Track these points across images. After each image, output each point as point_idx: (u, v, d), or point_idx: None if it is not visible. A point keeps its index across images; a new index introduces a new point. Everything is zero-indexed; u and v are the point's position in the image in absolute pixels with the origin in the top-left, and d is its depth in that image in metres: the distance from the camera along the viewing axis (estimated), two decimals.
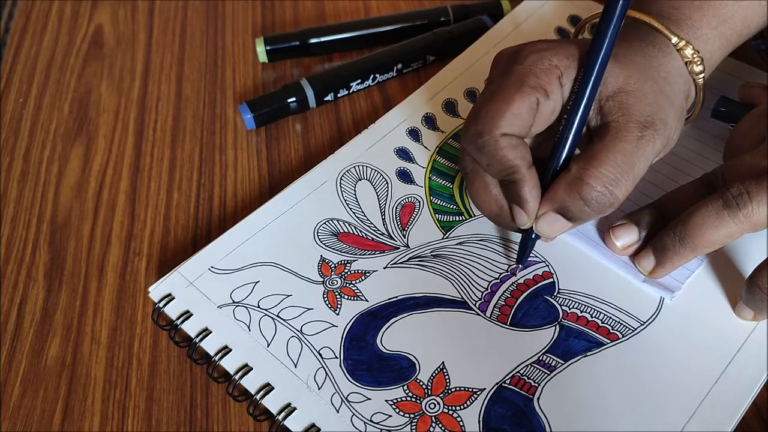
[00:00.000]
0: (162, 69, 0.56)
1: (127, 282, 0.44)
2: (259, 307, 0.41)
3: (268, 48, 0.55)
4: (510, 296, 0.41)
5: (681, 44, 0.40)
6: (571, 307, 0.41)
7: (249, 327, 0.40)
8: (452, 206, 0.45)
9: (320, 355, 0.39)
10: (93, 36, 0.60)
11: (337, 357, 0.39)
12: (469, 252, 0.43)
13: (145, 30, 0.60)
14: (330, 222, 0.45)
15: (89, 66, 0.57)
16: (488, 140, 0.38)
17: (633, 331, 0.40)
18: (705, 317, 0.40)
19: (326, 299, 0.41)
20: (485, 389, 0.38)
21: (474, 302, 0.41)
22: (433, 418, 0.37)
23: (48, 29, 0.60)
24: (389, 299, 0.41)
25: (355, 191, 0.46)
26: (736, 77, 0.50)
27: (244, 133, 0.52)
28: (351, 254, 0.43)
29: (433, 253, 0.43)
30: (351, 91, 0.54)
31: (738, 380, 0.38)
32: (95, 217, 0.47)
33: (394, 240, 0.44)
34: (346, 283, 0.42)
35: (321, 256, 0.43)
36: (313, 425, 0.37)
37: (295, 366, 0.39)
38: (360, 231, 0.44)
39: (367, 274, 0.42)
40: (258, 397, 0.38)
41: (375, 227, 0.44)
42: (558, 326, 0.40)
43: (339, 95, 0.53)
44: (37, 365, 0.41)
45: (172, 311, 0.41)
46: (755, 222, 0.37)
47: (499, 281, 0.42)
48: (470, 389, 0.38)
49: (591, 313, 0.40)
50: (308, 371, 0.38)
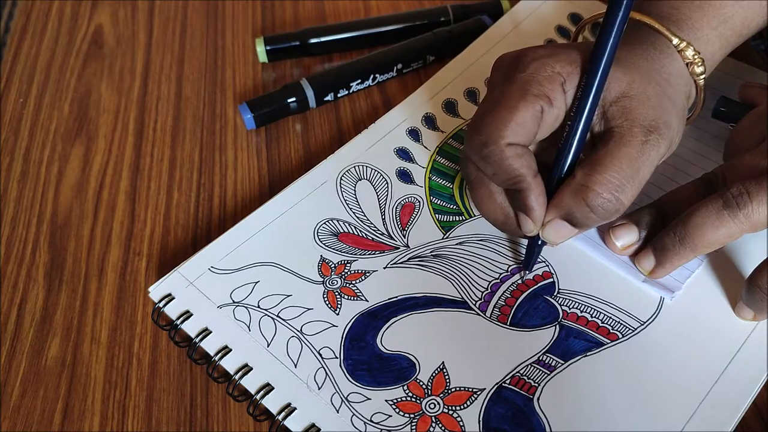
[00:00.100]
0: (162, 69, 0.56)
1: (127, 282, 0.44)
2: (259, 307, 0.41)
3: (268, 48, 0.55)
4: (510, 296, 0.41)
5: (682, 45, 0.40)
6: (571, 307, 0.41)
7: (249, 327, 0.40)
8: (452, 206, 0.45)
9: (320, 355, 0.39)
10: (93, 36, 0.59)
11: (337, 357, 0.39)
12: (469, 252, 0.43)
13: (145, 30, 0.60)
14: (330, 222, 0.45)
15: (89, 66, 0.57)
16: (493, 150, 0.38)
17: (633, 331, 0.40)
18: (705, 317, 0.40)
19: (326, 299, 0.41)
20: (485, 389, 0.38)
21: (474, 302, 0.41)
22: (433, 418, 0.37)
23: (48, 29, 0.60)
24: (389, 299, 0.41)
25: (355, 191, 0.46)
26: (736, 77, 0.50)
27: (244, 133, 0.52)
28: (351, 254, 0.43)
29: (433, 253, 0.43)
30: (351, 91, 0.54)
31: (738, 380, 0.38)
32: (95, 217, 0.47)
33: (394, 240, 0.44)
34: (346, 283, 0.42)
35: (321, 256, 0.43)
36: (313, 425, 0.37)
37: (295, 366, 0.39)
38: (360, 231, 0.44)
39: (367, 274, 0.42)
40: (258, 397, 0.38)
41: (375, 227, 0.44)
42: (558, 326, 0.40)
43: (339, 95, 0.53)
44: (37, 365, 0.41)
45: (172, 311, 0.41)
46: (755, 222, 0.37)
47: (499, 281, 0.42)
48: (470, 389, 0.38)
49: (591, 313, 0.40)
50: (308, 371, 0.38)
